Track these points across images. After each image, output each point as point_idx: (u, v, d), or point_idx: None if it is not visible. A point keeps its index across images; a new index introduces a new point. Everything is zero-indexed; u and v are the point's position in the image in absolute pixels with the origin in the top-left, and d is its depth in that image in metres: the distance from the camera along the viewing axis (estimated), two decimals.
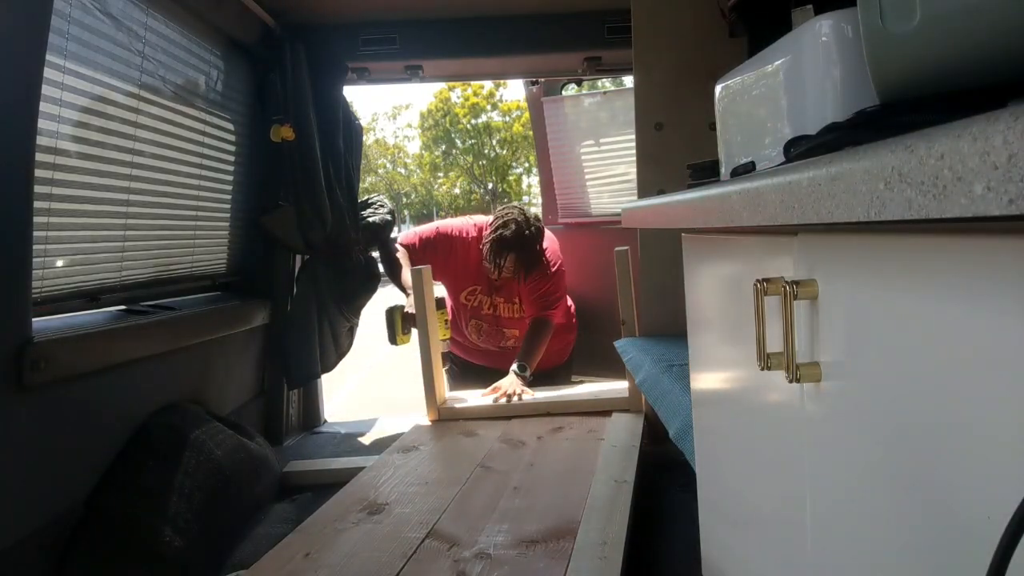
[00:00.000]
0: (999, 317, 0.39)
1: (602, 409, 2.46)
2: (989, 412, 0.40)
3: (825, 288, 0.61)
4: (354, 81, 2.76)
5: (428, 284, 2.53)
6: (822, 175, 0.46)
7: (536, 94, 3.42)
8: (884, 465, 0.53)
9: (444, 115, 24.28)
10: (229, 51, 2.35)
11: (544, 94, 3.40)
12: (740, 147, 1.01)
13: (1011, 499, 0.34)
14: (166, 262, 2.13)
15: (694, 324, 1.15)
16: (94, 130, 1.68)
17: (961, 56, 0.48)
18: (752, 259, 0.82)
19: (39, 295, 1.53)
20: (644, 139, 2.15)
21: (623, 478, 1.83)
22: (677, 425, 1.35)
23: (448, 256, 2.72)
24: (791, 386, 0.65)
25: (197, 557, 1.63)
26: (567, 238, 3.14)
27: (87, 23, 1.60)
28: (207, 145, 2.24)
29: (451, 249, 2.73)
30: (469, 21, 2.61)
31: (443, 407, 2.52)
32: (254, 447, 2.07)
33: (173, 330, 1.95)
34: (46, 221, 1.52)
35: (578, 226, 3.47)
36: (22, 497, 1.39)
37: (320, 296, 2.66)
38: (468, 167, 25.26)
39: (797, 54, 0.82)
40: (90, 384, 1.59)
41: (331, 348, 2.73)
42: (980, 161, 0.29)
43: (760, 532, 0.87)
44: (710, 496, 1.13)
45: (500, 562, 1.43)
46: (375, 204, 2.91)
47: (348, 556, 1.48)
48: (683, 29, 2.08)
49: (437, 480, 1.91)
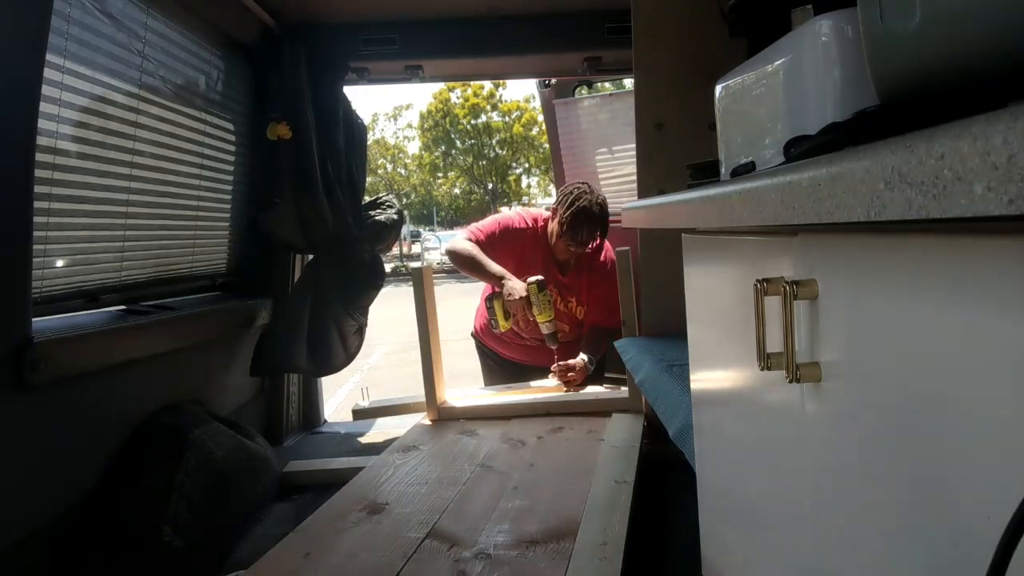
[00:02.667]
0: (999, 317, 0.39)
1: (602, 409, 2.46)
2: (989, 412, 0.40)
3: (825, 288, 0.61)
4: (354, 81, 2.76)
5: (428, 284, 2.53)
6: (822, 175, 0.45)
7: (548, 96, 3.41)
8: (884, 465, 0.52)
9: (444, 115, 24.29)
10: (229, 51, 2.35)
11: (556, 95, 3.40)
12: (740, 147, 1.00)
13: (1011, 499, 0.34)
14: (166, 262, 2.13)
15: (694, 324, 1.15)
16: (94, 130, 1.68)
17: (961, 56, 0.48)
18: (752, 259, 0.82)
19: (39, 295, 1.53)
20: (644, 139, 2.15)
21: (623, 478, 1.83)
22: (677, 425, 1.35)
23: (513, 249, 2.69)
24: (791, 386, 0.65)
25: (197, 557, 1.63)
26: None
27: (87, 23, 1.60)
28: (207, 145, 2.24)
29: (515, 242, 2.70)
30: (469, 21, 2.61)
31: (443, 407, 2.52)
32: (254, 447, 2.07)
33: (173, 330, 1.95)
34: (46, 221, 1.52)
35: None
36: (22, 497, 1.39)
37: (324, 295, 2.65)
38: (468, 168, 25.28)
39: (797, 54, 0.82)
40: (90, 384, 1.59)
41: (339, 349, 2.71)
42: (980, 161, 0.29)
43: (760, 532, 0.87)
44: (710, 496, 1.13)
45: (500, 562, 1.43)
46: (384, 203, 2.90)
47: (348, 556, 1.48)
48: (683, 29, 2.08)
49: (437, 480, 1.90)
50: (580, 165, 3.52)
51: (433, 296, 2.56)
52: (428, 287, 2.52)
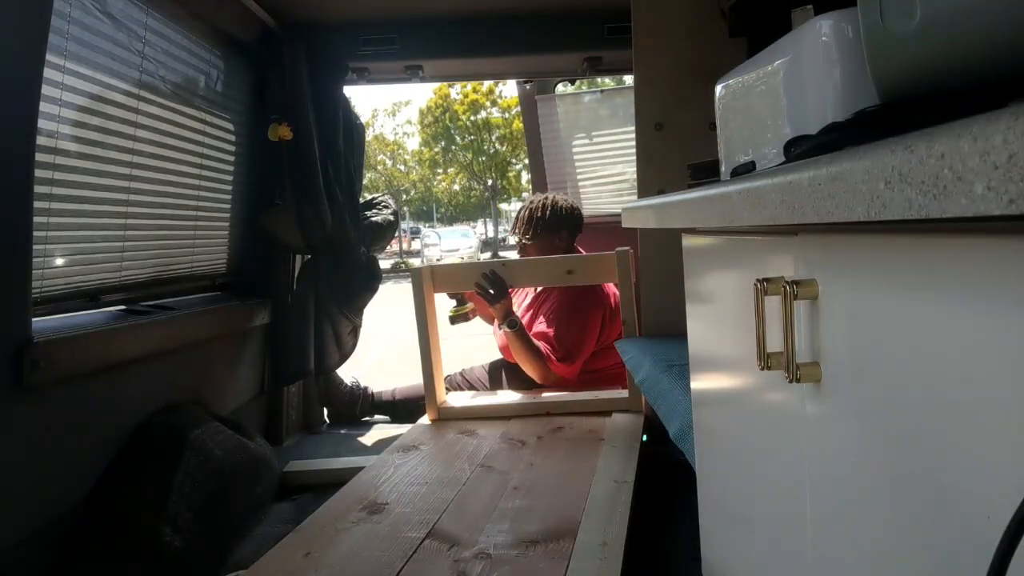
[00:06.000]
0: (999, 317, 0.39)
1: (602, 409, 2.46)
2: (989, 412, 0.40)
3: (825, 288, 0.61)
4: (354, 81, 2.76)
5: (428, 284, 2.53)
6: (822, 175, 0.45)
7: (529, 93, 3.41)
8: (884, 465, 0.53)
9: (443, 112, 24.28)
10: (229, 51, 2.35)
11: (537, 92, 3.40)
12: (740, 147, 1.00)
13: (1011, 499, 0.34)
14: (166, 262, 2.13)
15: (694, 324, 1.15)
16: (94, 130, 1.68)
17: (961, 56, 0.48)
18: (752, 259, 0.82)
19: (39, 295, 1.53)
20: (644, 139, 2.15)
21: (623, 478, 1.83)
22: (677, 425, 1.35)
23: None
24: (791, 386, 0.65)
25: (197, 557, 1.63)
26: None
27: (87, 23, 1.60)
28: (207, 145, 2.24)
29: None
30: (469, 21, 2.61)
31: (443, 407, 2.52)
32: (254, 447, 2.07)
33: (173, 330, 1.95)
34: (46, 221, 1.52)
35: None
36: (22, 497, 1.39)
37: (320, 295, 2.65)
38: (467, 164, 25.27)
39: (797, 54, 0.82)
40: (90, 384, 1.59)
41: (333, 348, 2.72)
42: (980, 161, 0.29)
43: (760, 532, 0.87)
44: (710, 496, 1.13)
45: (500, 562, 1.43)
46: (379, 204, 2.91)
47: (348, 556, 1.48)
48: (683, 29, 2.08)
49: (437, 480, 1.90)
50: (561, 162, 3.53)
51: (433, 296, 2.56)
52: (428, 287, 2.52)
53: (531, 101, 3.43)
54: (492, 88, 23.46)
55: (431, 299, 2.54)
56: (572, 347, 2.59)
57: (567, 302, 2.63)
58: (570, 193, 3.56)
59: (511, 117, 23.33)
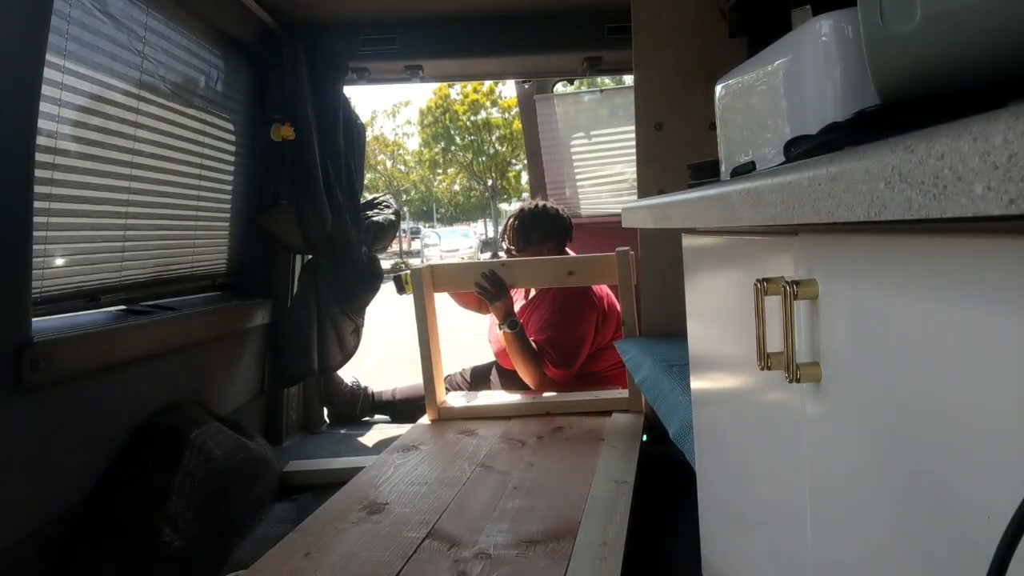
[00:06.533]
0: (999, 317, 0.39)
1: (602, 409, 2.46)
2: (989, 412, 0.40)
3: (825, 288, 0.61)
4: (354, 81, 2.76)
5: (428, 284, 2.53)
6: (822, 175, 0.45)
7: (528, 92, 3.41)
8: (884, 465, 0.53)
9: (444, 112, 24.27)
10: (229, 51, 2.35)
11: (536, 92, 3.40)
12: (740, 147, 1.01)
13: (1011, 499, 0.34)
14: (166, 262, 2.13)
15: (694, 324, 1.15)
16: (94, 130, 1.68)
17: (961, 56, 0.48)
18: (752, 259, 0.82)
19: (39, 295, 1.53)
20: (644, 139, 2.15)
21: (623, 478, 1.83)
22: (677, 425, 1.35)
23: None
24: (791, 386, 0.65)
25: (197, 557, 1.63)
26: None
27: (87, 23, 1.60)
28: (207, 145, 2.24)
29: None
30: (469, 21, 2.61)
31: (443, 407, 2.52)
32: (254, 447, 2.07)
33: (173, 330, 1.95)
34: (46, 221, 1.52)
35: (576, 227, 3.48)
36: (22, 497, 1.39)
37: (321, 295, 2.65)
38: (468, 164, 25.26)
39: (797, 54, 0.82)
40: (90, 384, 1.59)
41: (336, 348, 2.72)
42: (980, 161, 0.29)
43: (760, 532, 0.87)
44: (710, 496, 1.13)
45: (500, 562, 1.43)
46: (381, 204, 2.91)
47: (348, 556, 1.48)
48: (683, 29, 2.08)
49: (437, 480, 1.90)
50: (559, 163, 3.52)
51: (432, 296, 2.56)
52: (428, 287, 2.52)
53: (530, 101, 3.43)
54: (492, 88, 23.45)
55: (431, 299, 2.54)
56: (568, 352, 2.59)
57: (560, 307, 2.63)
58: (569, 193, 3.56)
59: (511, 117, 23.31)
